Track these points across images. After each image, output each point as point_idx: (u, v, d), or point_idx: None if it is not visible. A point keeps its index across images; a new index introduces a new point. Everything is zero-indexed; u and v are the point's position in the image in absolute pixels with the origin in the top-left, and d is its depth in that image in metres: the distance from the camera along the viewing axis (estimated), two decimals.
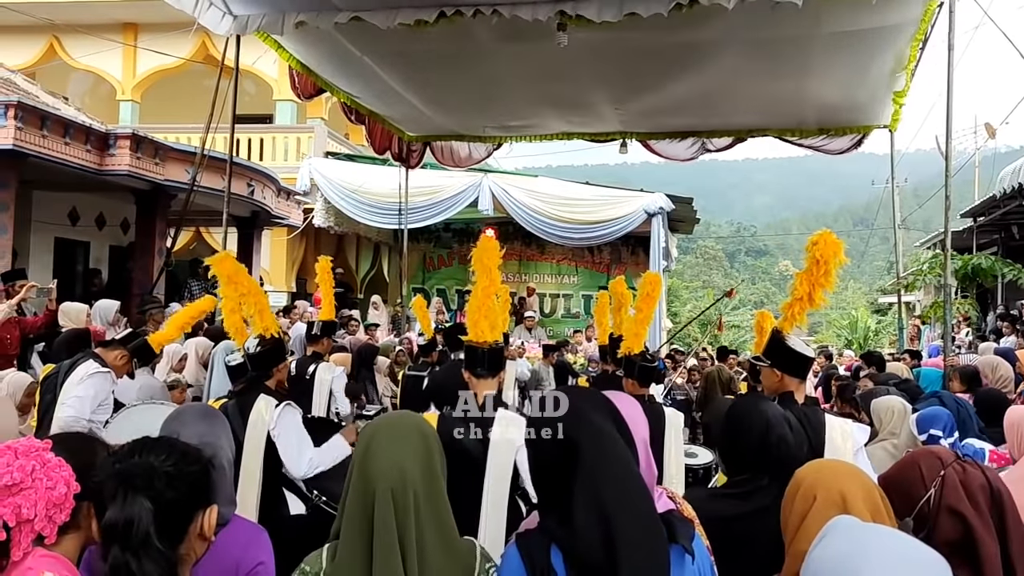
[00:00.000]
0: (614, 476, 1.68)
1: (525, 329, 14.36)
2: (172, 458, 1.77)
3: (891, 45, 6.84)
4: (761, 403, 2.68)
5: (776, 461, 2.38)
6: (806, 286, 3.46)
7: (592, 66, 7.39)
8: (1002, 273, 14.83)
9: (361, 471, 1.76)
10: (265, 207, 13.24)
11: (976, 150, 24.81)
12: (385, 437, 1.80)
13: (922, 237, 24.88)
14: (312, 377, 5.45)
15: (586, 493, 1.64)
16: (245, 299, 4.13)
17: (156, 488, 1.69)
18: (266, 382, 3.94)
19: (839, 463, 2.01)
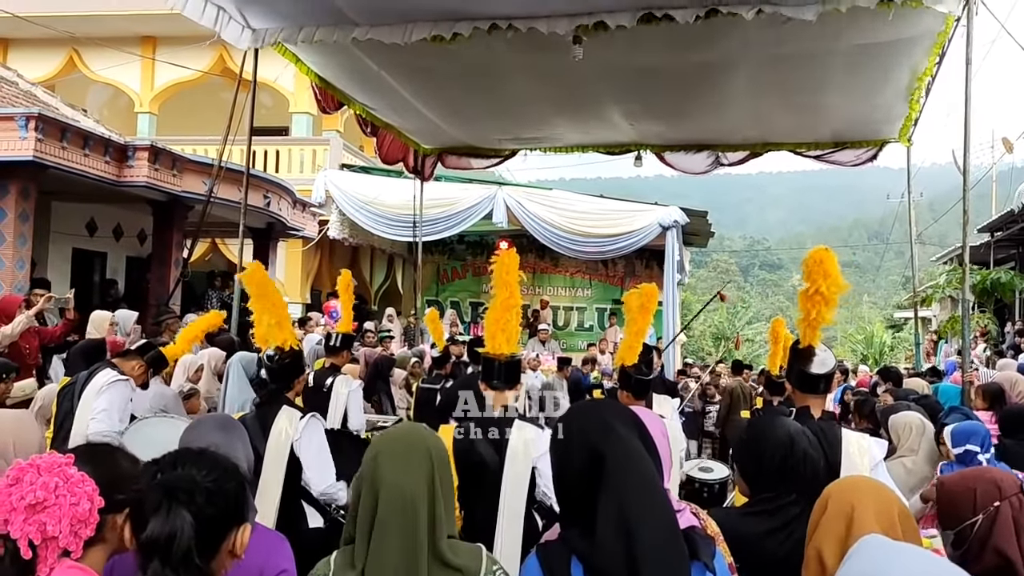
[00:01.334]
0: (639, 491, 1.67)
1: (539, 342, 14.35)
2: (214, 473, 1.76)
3: (908, 59, 6.83)
4: (781, 420, 2.66)
5: (801, 476, 2.37)
6: (810, 305, 3.42)
7: (607, 80, 7.41)
8: (1020, 288, 14.72)
9: (370, 488, 1.80)
10: (281, 219, 13.30)
11: (993, 164, 24.67)
12: (389, 457, 1.83)
13: (937, 252, 24.74)
14: (329, 390, 5.44)
15: (610, 506, 1.64)
16: (268, 310, 4.15)
17: (198, 503, 1.68)
18: (287, 394, 3.96)
19: (864, 479, 2.00)
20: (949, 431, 4.05)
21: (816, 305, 3.37)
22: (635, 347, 4.49)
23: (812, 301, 3.38)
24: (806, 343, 3.39)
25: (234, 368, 6.39)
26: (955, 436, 4.00)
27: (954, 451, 3.94)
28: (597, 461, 1.70)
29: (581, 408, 1.96)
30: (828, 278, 3.34)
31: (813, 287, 3.37)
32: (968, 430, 4.02)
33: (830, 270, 3.35)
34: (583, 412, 1.90)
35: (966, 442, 3.94)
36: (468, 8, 5.80)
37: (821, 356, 3.38)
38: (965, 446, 3.92)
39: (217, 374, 7.13)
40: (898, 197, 28.31)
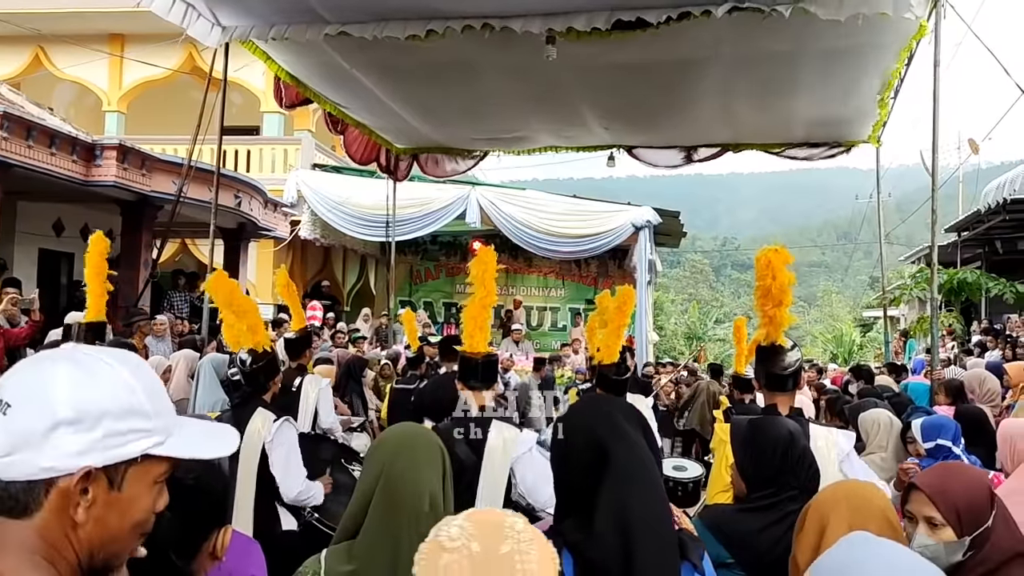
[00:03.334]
0: (641, 489, 1.69)
1: (512, 342, 14.35)
2: (196, 472, 1.73)
3: (879, 62, 6.89)
4: (781, 419, 2.71)
5: (800, 473, 2.41)
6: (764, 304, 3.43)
7: (581, 80, 7.41)
8: (987, 288, 14.96)
9: (385, 484, 1.79)
10: (252, 219, 13.19)
11: (960, 165, 25.06)
12: (409, 458, 1.84)
13: (905, 251, 25.06)
14: (298, 390, 5.39)
15: (612, 502, 1.65)
16: (238, 315, 4.13)
17: (179, 502, 1.66)
18: (262, 396, 3.94)
19: (846, 492, 2.02)
20: (918, 426, 4.05)
21: (768, 303, 3.38)
22: (613, 347, 4.51)
23: (764, 300, 3.40)
24: (770, 341, 3.41)
25: (205, 370, 6.33)
26: (925, 431, 3.99)
27: (924, 445, 3.94)
28: (603, 457, 1.71)
29: (591, 403, 1.97)
30: (777, 277, 3.35)
31: (763, 286, 3.39)
32: (937, 424, 4.02)
33: (778, 269, 3.35)
34: (593, 407, 1.92)
35: (937, 436, 3.95)
36: (441, 7, 5.78)
37: (788, 354, 3.40)
38: (936, 440, 3.93)
39: (190, 375, 7.07)
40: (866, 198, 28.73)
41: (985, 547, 2.02)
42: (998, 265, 15.94)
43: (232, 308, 4.13)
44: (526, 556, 1.14)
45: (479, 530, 1.17)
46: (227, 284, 4.19)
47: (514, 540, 1.16)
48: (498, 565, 1.12)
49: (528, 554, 1.15)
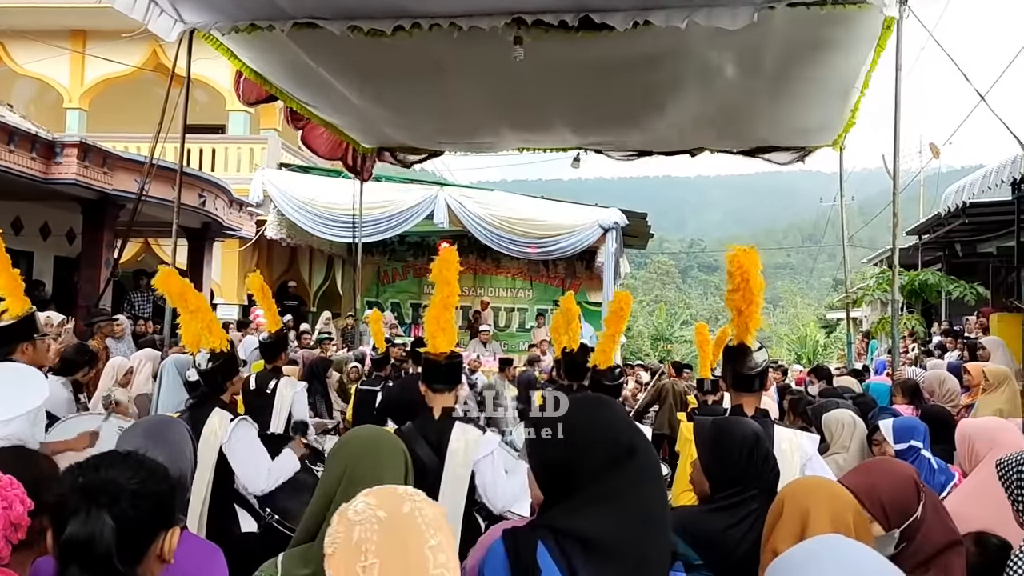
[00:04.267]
0: (660, 484, 1.76)
1: (480, 343, 14.32)
2: (139, 475, 1.70)
3: (844, 67, 6.98)
4: (746, 420, 2.73)
5: (763, 473, 2.43)
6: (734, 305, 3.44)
7: (548, 83, 7.42)
8: (947, 289, 15.21)
9: (346, 487, 1.77)
10: (216, 218, 13.03)
11: (921, 169, 25.46)
12: (372, 461, 1.84)
13: (868, 254, 25.41)
14: (273, 392, 5.35)
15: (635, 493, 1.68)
16: (194, 316, 4.08)
17: (120, 506, 1.62)
18: (220, 396, 3.89)
19: (818, 482, 2.05)
20: (889, 427, 4.06)
21: (738, 304, 3.40)
22: (609, 352, 4.54)
23: (734, 301, 3.42)
24: (738, 342, 3.43)
25: (168, 370, 6.25)
26: (897, 432, 4.01)
27: (896, 447, 3.97)
28: (631, 452, 1.72)
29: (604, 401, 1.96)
30: (748, 278, 3.37)
31: (734, 286, 3.41)
32: (909, 426, 4.06)
33: (750, 270, 3.37)
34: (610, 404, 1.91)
35: (909, 438, 3.98)
36: (407, 5, 5.75)
37: (755, 355, 3.42)
38: (909, 442, 3.96)
39: (153, 375, 6.97)
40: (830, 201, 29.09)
41: (916, 538, 2.11)
42: (958, 267, 16.21)
43: (184, 306, 4.09)
44: (423, 512, 1.37)
45: (381, 500, 1.38)
46: (176, 281, 4.15)
47: (412, 502, 1.37)
48: (403, 522, 1.34)
49: (424, 510, 1.37)
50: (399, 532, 1.33)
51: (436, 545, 1.33)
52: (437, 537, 1.34)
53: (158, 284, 4.21)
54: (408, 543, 1.32)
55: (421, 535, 1.33)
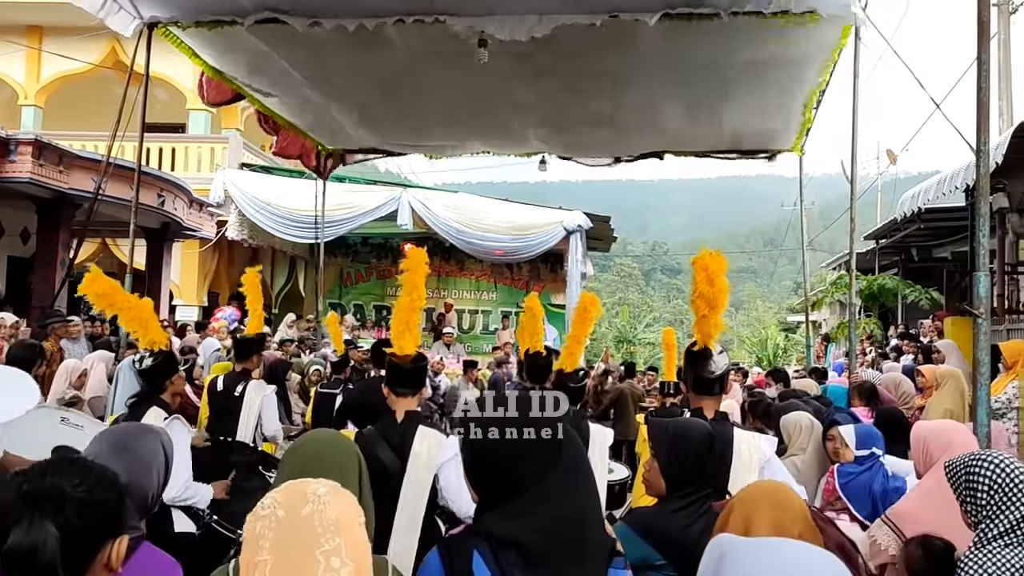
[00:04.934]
0: (589, 485, 1.75)
1: (444, 345, 14.28)
2: (86, 483, 1.65)
3: (803, 74, 7.07)
4: (700, 421, 2.77)
5: (719, 473, 2.45)
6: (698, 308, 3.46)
7: (513, 86, 7.43)
8: (903, 293, 15.48)
9: None
10: (176, 218, 12.85)
11: (879, 175, 25.92)
12: (324, 465, 1.80)
13: (828, 258, 25.77)
14: (242, 396, 5.20)
15: (564, 495, 1.67)
16: (124, 314, 4.04)
17: (65, 514, 1.58)
18: (160, 395, 3.87)
19: (768, 489, 2.05)
20: (852, 433, 4.12)
21: (702, 308, 3.42)
22: (575, 354, 4.53)
23: (699, 304, 3.44)
24: (700, 345, 3.44)
25: (123, 372, 6.15)
26: (860, 439, 4.07)
27: (858, 452, 4.03)
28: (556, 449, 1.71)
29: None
30: (713, 282, 3.39)
31: (698, 290, 3.42)
32: (873, 434, 4.13)
33: (715, 273, 3.38)
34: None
35: (872, 445, 4.04)
36: (370, 4, 5.71)
37: (716, 358, 3.43)
38: (871, 448, 4.02)
39: (108, 377, 6.86)
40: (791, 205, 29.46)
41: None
42: (914, 272, 16.52)
43: (112, 309, 4.05)
44: (323, 514, 1.36)
45: (286, 498, 1.39)
46: (103, 284, 4.09)
47: (314, 503, 1.37)
48: (298, 524, 1.35)
49: (325, 512, 1.37)
50: (292, 533, 1.34)
51: (330, 549, 1.34)
52: (335, 541, 1.35)
53: (83, 290, 4.14)
54: (300, 545, 1.34)
55: (315, 538, 1.34)
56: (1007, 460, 2.54)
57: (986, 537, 2.46)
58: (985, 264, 3.99)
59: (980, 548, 2.45)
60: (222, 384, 5.25)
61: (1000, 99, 12.07)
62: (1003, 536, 2.43)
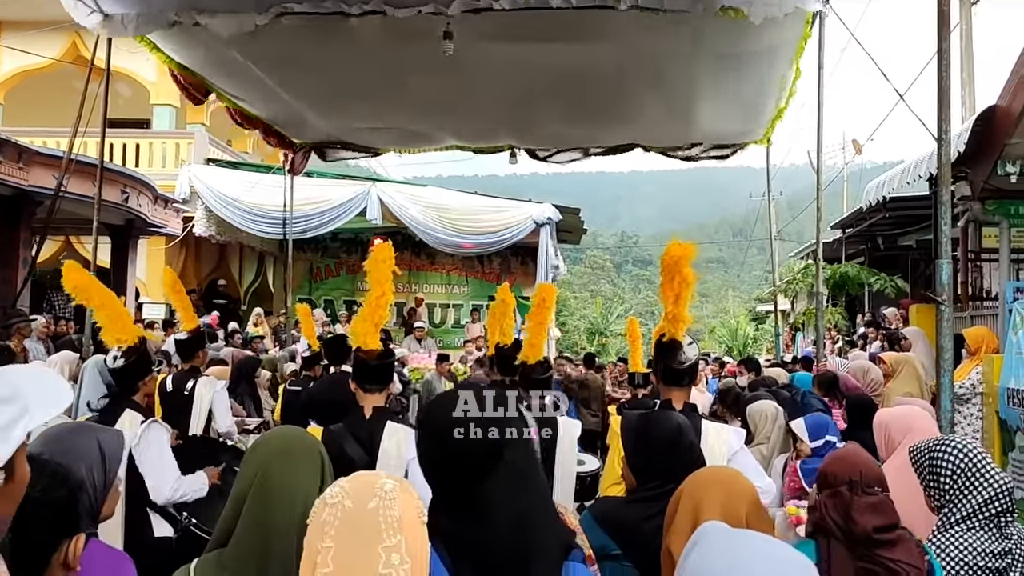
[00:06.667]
0: (535, 482, 1.75)
1: (415, 340, 14.23)
2: (41, 483, 1.63)
3: (772, 66, 7.11)
4: (670, 413, 2.76)
5: (687, 465, 2.44)
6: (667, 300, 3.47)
7: (481, 77, 7.39)
8: (868, 282, 15.67)
9: (258, 491, 1.74)
10: (140, 215, 12.69)
11: (845, 165, 26.20)
12: (281, 464, 1.79)
13: (796, 247, 26.04)
14: (191, 393, 5.16)
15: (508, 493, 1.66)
16: (99, 310, 3.97)
17: (20, 514, 1.56)
18: (133, 397, 3.78)
19: (716, 474, 2.07)
20: (803, 426, 4.13)
21: (671, 299, 3.43)
22: (538, 346, 4.52)
23: (667, 296, 3.45)
24: (669, 337, 3.45)
25: (88, 372, 6.05)
26: (812, 430, 4.09)
27: (812, 444, 4.06)
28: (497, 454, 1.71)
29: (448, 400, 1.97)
30: (681, 273, 3.40)
31: (666, 282, 3.43)
32: (823, 423, 4.15)
33: (684, 265, 3.38)
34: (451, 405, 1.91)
35: (824, 434, 4.08)
36: None
37: (685, 350, 3.45)
38: (824, 438, 4.06)
39: (72, 378, 6.74)
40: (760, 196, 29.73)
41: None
42: (880, 260, 16.71)
43: (89, 302, 3.98)
44: (388, 511, 1.38)
45: (353, 489, 1.41)
46: (81, 276, 4.02)
47: (380, 497, 1.39)
48: (365, 517, 1.37)
49: (391, 509, 1.39)
50: (358, 525, 1.36)
51: (392, 546, 1.36)
52: (396, 537, 1.37)
53: (64, 280, 4.07)
54: (363, 538, 1.36)
55: (378, 533, 1.36)
56: (970, 445, 2.58)
57: (949, 521, 2.50)
58: (947, 252, 4.04)
59: (943, 532, 2.49)
60: (171, 384, 5.21)
61: (963, 89, 12.23)
62: (966, 520, 2.47)
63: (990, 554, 2.40)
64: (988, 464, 2.52)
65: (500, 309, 5.64)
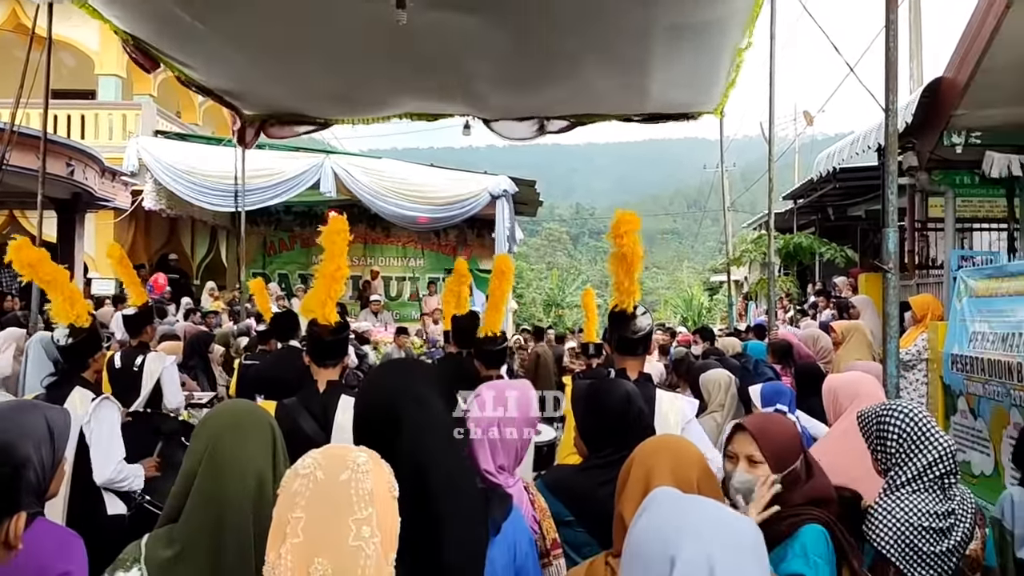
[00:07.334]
0: (437, 456, 1.77)
1: (371, 313, 14.16)
2: None
3: (725, 36, 7.13)
4: (620, 381, 2.80)
5: (637, 433, 2.47)
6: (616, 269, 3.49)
7: (435, 46, 7.30)
8: (819, 252, 15.94)
9: (208, 464, 1.73)
10: (87, 188, 12.37)
11: (796, 137, 26.52)
12: (231, 438, 1.78)
13: (749, 218, 26.34)
14: (140, 369, 5.09)
15: (408, 465, 1.67)
16: (49, 286, 3.88)
17: None
18: (83, 374, 3.71)
19: (667, 440, 2.09)
20: (757, 393, 4.23)
21: (620, 268, 3.45)
22: (495, 319, 4.52)
23: (617, 266, 3.47)
24: (622, 307, 3.48)
25: (33, 349, 5.92)
26: (764, 397, 4.17)
27: (764, 410, 4.14)
28: (396, 420, 1.78)
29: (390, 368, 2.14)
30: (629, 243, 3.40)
31: (616, 251, 3.45)
32: (775, 390, 4.22)
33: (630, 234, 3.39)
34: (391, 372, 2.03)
35: (776, 402, 4.15)
36: None
37: (639, 319, 3.48)
38: (775, 405, 4.13)
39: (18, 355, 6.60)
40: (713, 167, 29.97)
41: (795, 490, 2.30)
42: (830, 231, 16.99)
43: (38, 279, 3.89)
44: (360, 483, 1.39)
45: (325, 460, 1.41)
46: (30, 252, 3.93)
47: (352, 470, 1.40)
48: (337, 489, 1.38)
49: (363, 481, 1.39)
50: (329, 496, 1.37)
51: (363, 518, 1.37)
52: (367, 510, 1.37)
53: (10, 256, 3.96)
54: (334, 510, 1.36)
55: (350, 505, 1.37)
56: (916, 410, 2.64)
57: (895, 484, 2.57)
58: (894, 220, 4.12)
59: (889, 494, 2.56)
60: (120, 361, 5.13)
61: (911, 61, 12.42)
62: (911, 482, 2.54)
63: (934, 515, 2.47)
64: (933, 428, 2.59)
65: (456, 281, 5.64)
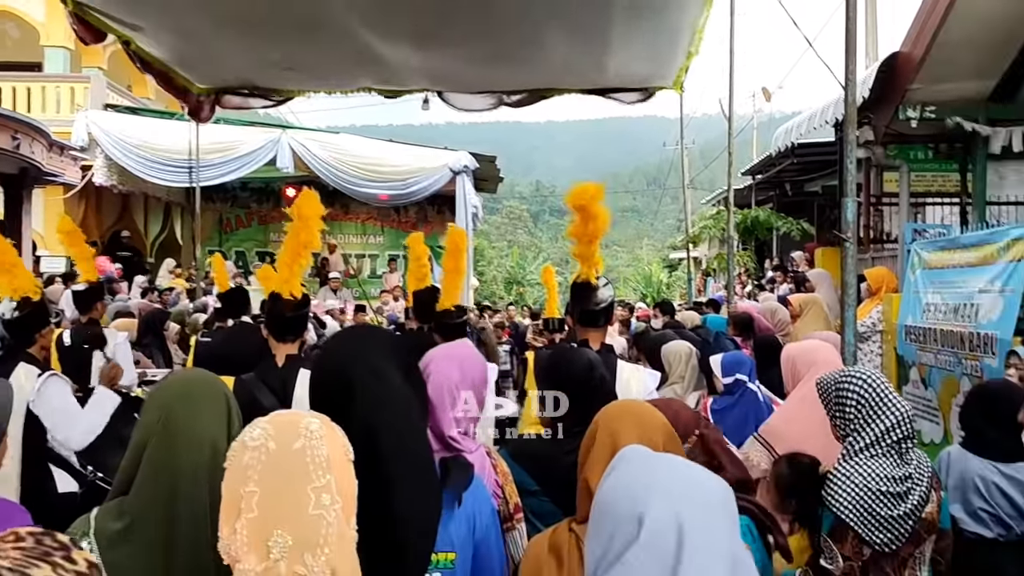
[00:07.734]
0: (391, 416, 1.76)
1: (330, 290, 14.02)
2: None
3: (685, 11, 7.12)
4: (581, 349, 2.82)
5: (600, 399, 2.45)
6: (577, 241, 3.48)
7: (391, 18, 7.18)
8: (776, 226, 16.12)
9: (162, 435, 1.69)
10: (35, 163, 12.04)
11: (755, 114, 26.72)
12: (184, 408, 1.74)
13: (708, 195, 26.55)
14: (91, 347, 4.98)
15: (361, 434, 1.64)
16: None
17: None
18: (28, 349, 3.62)
19: (630, 404, 2.08)
20: (718, 362, 4.25)
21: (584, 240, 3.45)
22: (453, 292, 4.51)
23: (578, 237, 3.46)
24: (584, 278, 3.48)
25: None
26: (724, 367, 4.16)
27: (724, 380, 4.15)
28: (348, 388, 1.77)
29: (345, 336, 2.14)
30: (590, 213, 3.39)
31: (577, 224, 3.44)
32: (735, 360, 4.24)
33: (592, 206, 3.39)
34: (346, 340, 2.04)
35: (735, 372, 4.18)
36: None
37: (600, 290, 3.49)
38: (735, 375, 4.15)
39: None
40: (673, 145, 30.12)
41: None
42: (788, 206, 17.18)
43: None
44: (316, 450, 1.34)
45: (276, 430, 1.35)
46: None
47: (306, 437, 1.35)
48: (291, 458, 1.33)
49: (317, 448, 1.35)
50: (283, 467, 1.32)
51: (322, 486, 1.33)
52: (326, 477, 1.33)
53: None
54: (290, 480, 1.32)
55: (307, 474, 1.32)
56: (874, 375, 2.68)
57: (853, 449, 2.60)
58: (852, 191, 4.15)
59: (848, 460, 2.59)
60: (69, 338, 5.03)
61: (866, 36, 12.54)
62: (869, 448, 2.57)
63: (892, 479, 2.51)
64: (890, 393, 2.62)
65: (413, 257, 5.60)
